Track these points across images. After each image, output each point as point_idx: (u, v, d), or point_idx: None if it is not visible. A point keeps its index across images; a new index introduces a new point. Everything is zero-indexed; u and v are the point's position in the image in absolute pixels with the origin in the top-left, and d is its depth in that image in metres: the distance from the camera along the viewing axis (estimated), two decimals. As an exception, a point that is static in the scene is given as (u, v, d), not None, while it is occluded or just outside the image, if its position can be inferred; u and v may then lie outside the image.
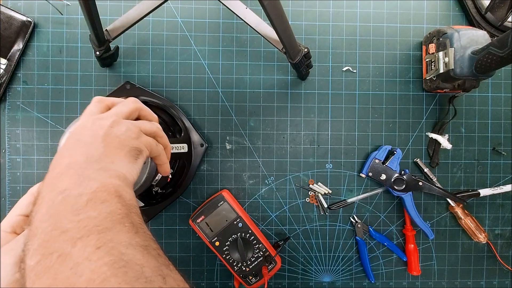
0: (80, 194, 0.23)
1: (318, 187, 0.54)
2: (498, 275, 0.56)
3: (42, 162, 0.52)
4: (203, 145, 0.52)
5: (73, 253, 0.20)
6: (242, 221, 0.50)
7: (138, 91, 0.51)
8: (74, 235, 0.21)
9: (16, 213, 0.29)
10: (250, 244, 0.50)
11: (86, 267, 0.20)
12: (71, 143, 0.28)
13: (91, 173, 0.25)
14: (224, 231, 0.50)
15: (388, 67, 0.55)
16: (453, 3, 0.55)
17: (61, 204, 0.23)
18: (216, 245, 0.50)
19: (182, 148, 0.49)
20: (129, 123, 0.30)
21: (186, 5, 0.53)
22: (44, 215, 0.22)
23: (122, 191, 0.25)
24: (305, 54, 0.45)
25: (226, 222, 0.50)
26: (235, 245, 0.50)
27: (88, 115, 0.31)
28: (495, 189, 0.54)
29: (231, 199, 0.51)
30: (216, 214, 0.50)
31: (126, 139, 0.29)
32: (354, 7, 0.54)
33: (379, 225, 0.55)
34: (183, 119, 0.51)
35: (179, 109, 0.52)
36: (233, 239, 0.50)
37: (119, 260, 0.20)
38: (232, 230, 0.50)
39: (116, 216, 0.23)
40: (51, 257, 0.20)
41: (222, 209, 0.50)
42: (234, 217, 0.50)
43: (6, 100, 0.52)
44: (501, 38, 0.39)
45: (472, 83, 0.47)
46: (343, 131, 0.55)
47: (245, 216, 0.51)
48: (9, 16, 0.50)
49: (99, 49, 0.45)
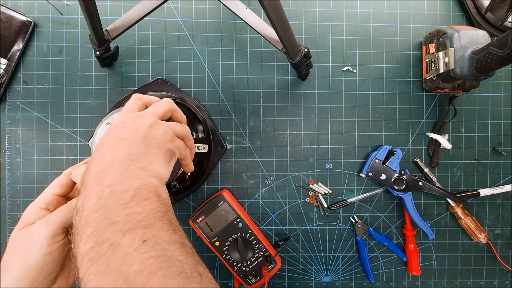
0: (125, 190, 0.25)
1: (318, 187, 0.54)
2: (498, 275, 0.56)
3: (42, 162, 0.52)
4: (222, 147, 0.53)
5: (123, 243, 0.22)
6: (242, 221, 0.50)
7: (169, 88, 0.52)
8: (123, 227, 0.23)
9: (51, 192, 0.32)
10: (250, 244, 0.50)
11: (135, 258, 0.21)
12: (113, 139, 0.30)
13: (133, 171, 0.27)
14: (224, 231, 0.50)
15: (388, 67, 0.55)
16: (453, 3, 0.55)
17: (108, 198, 0.25)
18: (216, 245, 0.50)
19: (203, 149, 0.50)
20: (166, 126, 0.32)
21: (186, 5, 0.53)
22: (94, 206, 0.25)
23: (160, 190, 0.27)
24: (305, 54, 0.45)
25: (226, 222, 0.50)
26: (235, 245, 0.50)
27: (128, 112, 0.33)
28: (495, 189, 0.54)
29: (231, 199, 0.51)
30: (216, 214, 0.50)
31: (163, 141, 0.31)
32: (354, 7, 0.54)
33: (379, 225, 0.55)
34: (207, 120, 0.52)
35: (205, 110, 0.53)
36: (233, 239, 0.50)
37: (163, 254, 0.22)
38: (232, 230, 0.50)
39: (157, 214, 0.25)
40: (103, 245, 0.22)
41: (222, 209, 0.50)
42: (234, 217, 0.50)
43: (6, 100, 0.52)
44: (501, 38, 0.39)
45: (472, 83, 0.47)
46: (343, 131, 0.55)
47: (245, 216, 0.51)
48: (9, 16, 0.50)
49: (99, 49, 0.45)
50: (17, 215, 0.52)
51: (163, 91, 0.52)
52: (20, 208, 0.52)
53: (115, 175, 0.26)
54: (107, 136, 0.31)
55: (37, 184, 0.52)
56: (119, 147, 0.29)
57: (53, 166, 0.52)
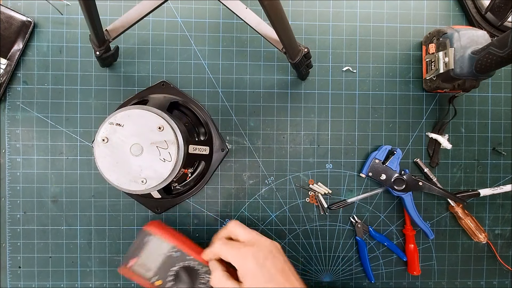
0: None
1: (318, 187, 0.54)
2: (498, 275, 0.56)
3: (42, 162, 0.52)
4: (223, 150, 0.53)
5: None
6: (178, 250, 0.44)
7: (172, 91, 0.52)
8: None
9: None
10: (193, 271, 0.44)
11: None
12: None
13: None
14: (162, 266, 0.44)
15: (388, 67, 0.55)
16: (453, 3, 0.55)
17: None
18: (159, 284, 0.43)
19: (204, 151, 0.50)
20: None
21: (186, 5, 0.53)
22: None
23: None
24: (305, 54, 0.45)
25: (162, 256, 0.44)
26: (179, 278, 0.44)
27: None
28: (495, 189, 0.54)
29: (160, 229, 0.45)
30: (148, 251, 0.44)
31: None
32: (354, 7, 0.54)
33: (379, 225, 0.55)
34: (209, 122, 0.52)
35: (206, 113, 0.53)
36: (175, 272, 0.44)
37: None
38: (170, 262, 0.44)
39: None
40: None
41: (153, 243, 0.44)
42: (168, 248, 0.44)
43: (6, 100, 0.52)
44: (501, 38, 0.39)
45: (472, 83, 0.47)
46: (343, 131, 0.55)
47: (180, 242, 0.45)
48: (9, 16, 0.50)
49: (99, 49, 0.45)
50: (17, 215, 0.52)
51: (166, 94, 0.52)
52: (20, 208, 0.52)
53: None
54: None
55: (37, 184, 0.52)
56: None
57: (53, 166, 0.52)
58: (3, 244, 0.53)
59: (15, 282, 0.53)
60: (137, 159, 0.40)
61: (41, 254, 0.53)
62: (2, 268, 0.53)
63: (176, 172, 0.41)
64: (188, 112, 0.52)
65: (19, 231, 0.53)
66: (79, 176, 0.53)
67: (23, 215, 0.52)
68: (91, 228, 0.53)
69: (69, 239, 0.53)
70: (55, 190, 0.53)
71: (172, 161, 0.40)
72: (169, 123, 0.41)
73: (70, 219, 0.53)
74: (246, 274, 0.37)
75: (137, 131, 0.40)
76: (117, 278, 0.53)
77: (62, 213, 0.53)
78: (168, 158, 0.40)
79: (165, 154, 0.40)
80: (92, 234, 0.53)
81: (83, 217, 0.53)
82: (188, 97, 0.53)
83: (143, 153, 0.40)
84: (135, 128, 0.40)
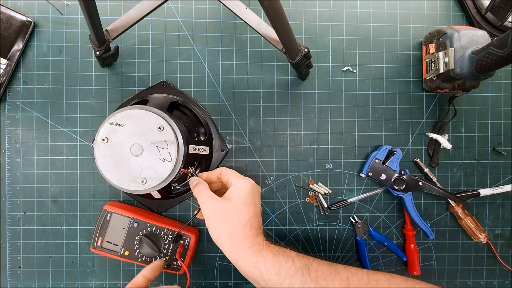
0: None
1: (318, 187, 0.54)
2: (498, 275, 0.56)
3: (42, 162, 0.52)
4: (223, 150, 0.53)
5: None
6: (136, 220, 0.49)
7: (172, 91, 0.52)
8: None
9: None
10: (155, 235, 0.49)
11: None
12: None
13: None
14: (127, 238, 0.49)
15: (388, 67, 0.55)
16: (453, 3, 0.55)
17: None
18: (127, 254, 0.49)
19: (204, 151, 0.50)
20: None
21: (186, 5, 0.53)
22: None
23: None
24: (305, 54, 0.45)
25: (124, 230, 0.49)
26: (143, 244, 0.48)
27: None
28: (495, 189, 0.54)
29: (117, 207, 0.50)
30: (111, 229, 0.49)
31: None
32: (354, 7, 0.54)
33: (379, 225, 0.55)
34: (209, 122, 0.52)
35: (206, 113, 0.53)
36: (138, 240, 0.49)
37: None
38: (133, 233, 0.49)
39: None
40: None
41: (113, 221, 0.49)
42: (127, 221, 0.49)
43: (6, 100, 0.52)
44: (501, 38, 0.39)
45: (472, 83, 0.47)
46: (343, 131, 0.55)
47: (136, 213, 0.50)
48: (9, 16, 0.50)
49: (99, 49, 0.45)
50: (17, 215, 0.52)
51: (166, 94, 0.52)
52: (20, 208, 0.52)
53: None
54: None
55: (37, 184, 0.52)
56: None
57: (53, 166, 0.52)
58: (3, 244, 0.53)
59: (15, 282, 0.53)
60: (137, 159, 0.40)
61: (41, 254, 0.53)
62: (2, 268, 0.53)
63: (176, 172, 0.41)
64: (188, 112, 0.53)
65: (19, 231, 0.53)
66: (79, 176, 0.53)
67: (23, 215, 0.52)
68: (91, 228, 0.53)
69: (69, 239, 0.53)
70: (55, 190, 0.53)
71: (172, 161, 0.40)
72: (169, 123, 0.41)
73: (70, 219, 0.53)
74: (240, 192, 0.40)
75: (137, 131, 0.40)
76: (117, 278, 0.53)
77: (62, 213, 0.53)
78: (168, 158, 0.40)
79: (165, 154, 0.40)
80: (92, 234, 0.53)
81: (83, 217, 0.53)
82: (188, 97, 0.53)
83: (143, 153, 0.40)
84: (135, 128, 0.40)
